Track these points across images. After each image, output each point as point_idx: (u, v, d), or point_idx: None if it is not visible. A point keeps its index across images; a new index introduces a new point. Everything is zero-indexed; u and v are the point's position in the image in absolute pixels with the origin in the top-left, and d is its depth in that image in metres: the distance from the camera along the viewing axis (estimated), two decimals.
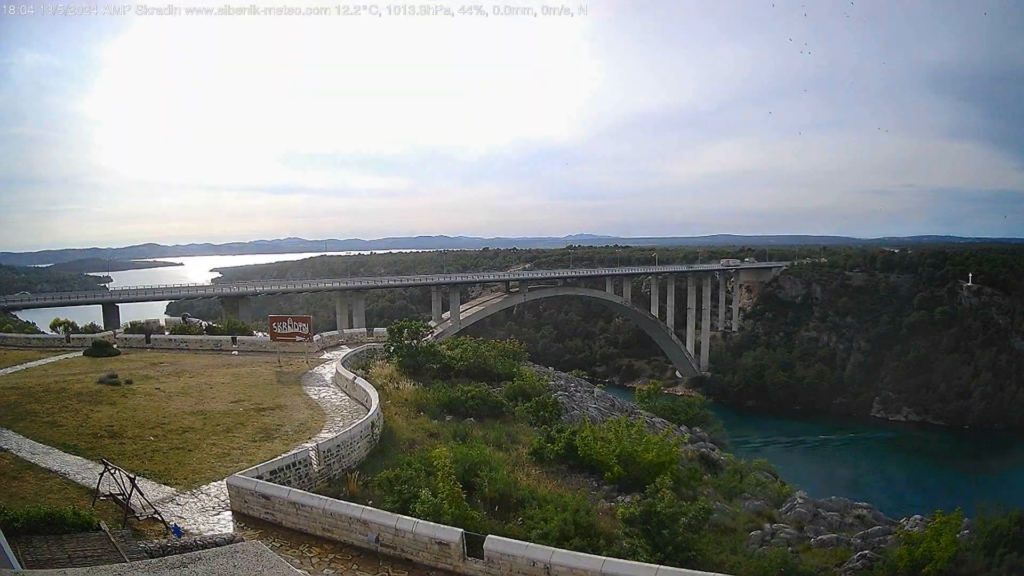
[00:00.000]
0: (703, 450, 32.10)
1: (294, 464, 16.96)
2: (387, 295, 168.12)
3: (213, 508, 15.46)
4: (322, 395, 27.76)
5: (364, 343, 42.77)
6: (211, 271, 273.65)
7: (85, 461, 18.02)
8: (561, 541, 13.65)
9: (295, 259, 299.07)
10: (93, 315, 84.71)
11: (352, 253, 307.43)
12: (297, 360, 36.42)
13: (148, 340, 43.54)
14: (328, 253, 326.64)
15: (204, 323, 54.96)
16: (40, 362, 35.64)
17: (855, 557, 17.34)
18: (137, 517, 13.97)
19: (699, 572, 11.04)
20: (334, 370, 31.20)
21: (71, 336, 45.58)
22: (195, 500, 15.84)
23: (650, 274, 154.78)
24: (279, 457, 17.31)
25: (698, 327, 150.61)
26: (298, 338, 37.28)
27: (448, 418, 26.57)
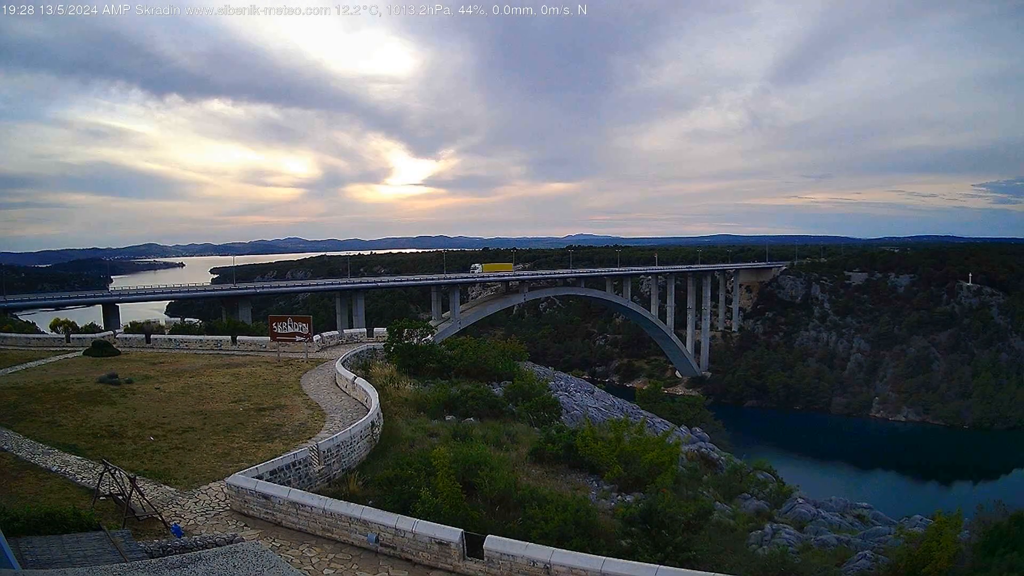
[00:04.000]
0: (703, 450, 32.08)
1: (294, 464, 16.97)
2: (387, 295, 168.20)
3: (213, 508, 15.46)
4: (322, 395, 27.75)
5: (364, 343, 42.76)
6: (211, 271, 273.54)
7: (85, 461, 18.03)
8: (561, 541, 13.64)
9: (295, 259, 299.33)
10: (93, 315, 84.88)
11: (352, 253, 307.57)
12: (297, 360, 36.43)
13: (148, 340, 43.55)
14: (328, 253, 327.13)
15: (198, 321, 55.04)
16: (40, 362, 35.64)
17: (855, 557, 17.33)
18: (137, 517, 13.97)
19: (699, 572, 11.04)
20: (334, 370, 31.20)
21: (71, 336, 45.57)
22: (195, 500, 15.83)
23: (650, 274, 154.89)
24: (279, 457, 17.31)
25: (698, 327, 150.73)
26: (298, 338, 37.26)
27: (448, 418, 26.57)
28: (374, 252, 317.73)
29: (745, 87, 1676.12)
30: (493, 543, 12.19)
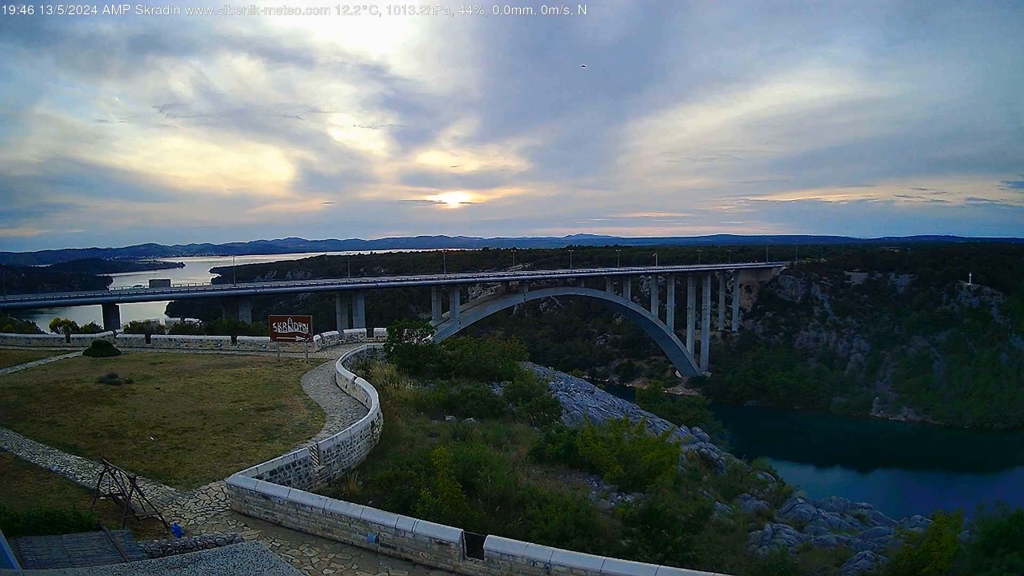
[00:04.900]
0: (703, 450, 32.09)
1: (294, 464, 16.98)
2: (387, 295, 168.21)
3: (213, 508, 15.47)
4: (322, 395, 27.76)
5: (364, 343, 42.76)
6: (211, 271, 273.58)
7: (85, 461, 18.04)
8: (561, 541, 13.65)
9: (295, 259, 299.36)
10: (93, 315, 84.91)
11: (352, 253, 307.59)
12: (297, 360, 36.43)
13: (148, 340, 43.58)
14: (328, 253, 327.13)
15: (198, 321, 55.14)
16: (40, 362, 35.65)
17: (855, 557, 17.33)
18: (137, 517, 13.98)
19: (699, 572, 11.05)
20: (334, 370, 31.21)
21: (71, 336, 45.58)
22: (195, 500, 15.84)
23: (650, 274, 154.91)
24: (279, 457, 17.32)
25: (698, 327, 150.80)
26: (298, 338, 37.26)
27: (448, 418, 26.59)
28: (374, 252, 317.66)
29: (847, 54, 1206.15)
30: (493, 543, 12.19)
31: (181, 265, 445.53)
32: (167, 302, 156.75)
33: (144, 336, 44.35)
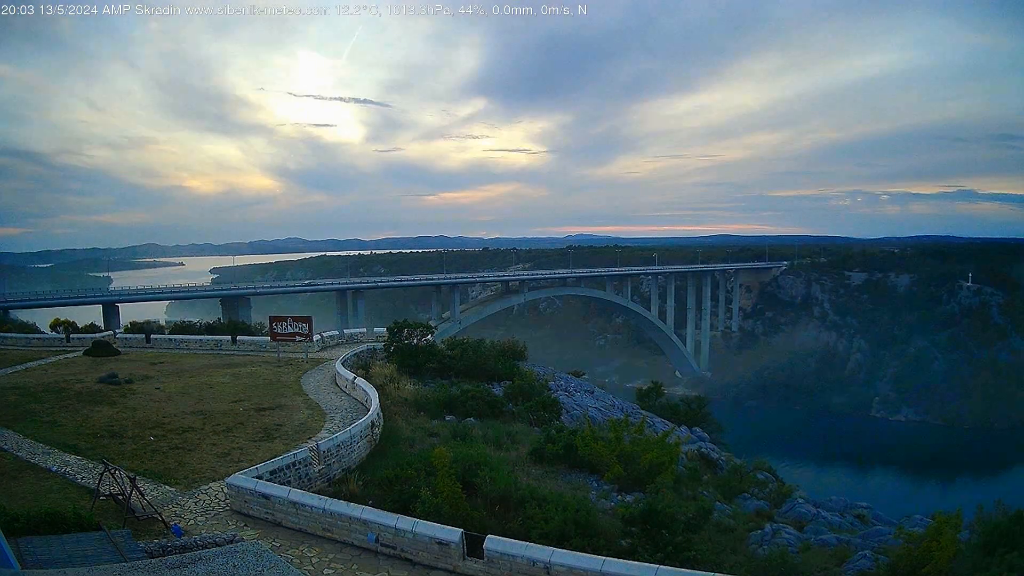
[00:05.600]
0: (703, 450, 32.06)
1: (294, 464, 16.98)
2: (387, 295, 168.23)
3: (213, 508, 15.46)
4: (322, 395, 27.75)
5: (364, 343, 42.73)
6: (211, 271, 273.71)
7: (85, 461, 18.04)
8: (561, 541, 13.64)
9: (295, 259, 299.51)
10: (93, 315, 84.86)
11: (352, 253, 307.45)
12: (297, 360, 36.43)
13: (148, 340, 43.58)
14: (328, 253, 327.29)
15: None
16: (40, 362, 35.65)
17: (855, 557, 17.32)
18: (137, 517, 13.98)
19: (699, 572, 11.05)
20: (334, 370, 31.21)
21: (71, 336, 45.57)
22: (195, 500, 15.84)
23: (650, 274, 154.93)
24: (279, 457, 17.32)
25: (698, 327, 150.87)
26: (298, 338, 37.26)
27: (448, 418, 26.58)
28: (374, 252, 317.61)
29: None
30: (493, 543, 12.20)
31: (181, 264, 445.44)
32: (167, 302, 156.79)
33: (144, 336, 44.35)
